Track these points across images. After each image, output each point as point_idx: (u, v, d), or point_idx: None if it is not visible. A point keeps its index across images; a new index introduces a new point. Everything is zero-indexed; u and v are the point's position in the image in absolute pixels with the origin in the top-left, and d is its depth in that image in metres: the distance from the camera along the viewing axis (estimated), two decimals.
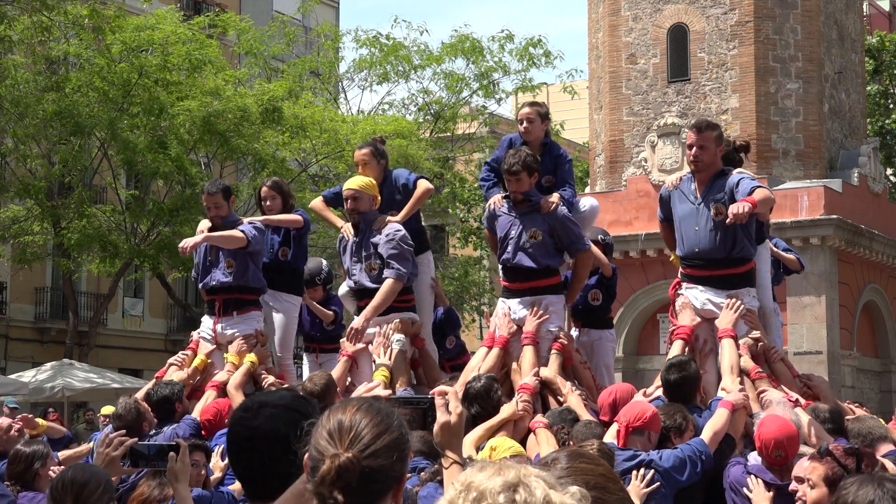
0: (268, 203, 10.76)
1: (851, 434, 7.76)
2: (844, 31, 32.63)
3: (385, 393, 8.83)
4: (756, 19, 30.20)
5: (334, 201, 10.58)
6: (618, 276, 10.84)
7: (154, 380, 10.25)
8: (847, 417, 8.34)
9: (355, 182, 9.92)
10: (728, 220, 8.45)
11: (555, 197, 9.50)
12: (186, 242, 10.17)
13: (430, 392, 4.13)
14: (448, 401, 3.96)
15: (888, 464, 7.10)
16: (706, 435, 7.38)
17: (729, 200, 8.82)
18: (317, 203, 10.71)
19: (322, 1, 41.25)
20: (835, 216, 29.03)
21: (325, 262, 11.99)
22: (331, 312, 11.66)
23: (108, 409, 12.14)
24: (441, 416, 3.96)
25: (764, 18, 30.42)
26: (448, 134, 40.25)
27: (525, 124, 9.91)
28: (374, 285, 9.73)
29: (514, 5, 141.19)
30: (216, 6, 42.67)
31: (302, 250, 11.17)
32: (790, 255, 10.91)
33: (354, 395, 9.25)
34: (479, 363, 9.28)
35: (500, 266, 9.75)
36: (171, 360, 10.55)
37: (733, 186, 8.87)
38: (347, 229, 10.02)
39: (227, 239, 10.24)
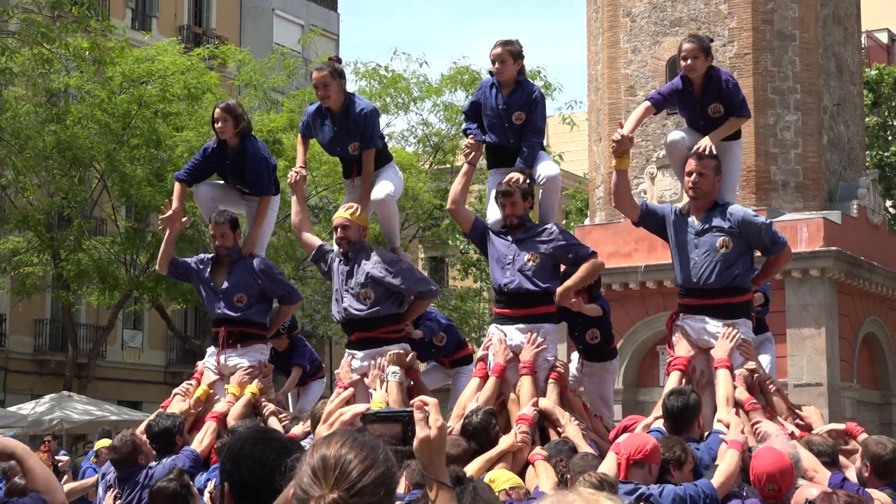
0: (219, 125, 10.49)
1: (882, 459, 7.58)
2: (843, 64, 32.72)
3: (361, 408, 8.79)
4: (755, 51, 30.28)
5: (309, 134, 10.47)
6: (610, 309, 10.75)
7: (159, 410, 10.26)
8: (874, 441, 8.11)
9: (346, 211, 9.92)
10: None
11: (517, 175, 9.46)
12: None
13: (410, 404, 3.83)
14: (428, 413, 3.62)
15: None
16: (717, 480, 7.27)
17: (738, 235, 8.91)
18: (299, 138, 10.58)
19: (322, 33, 41.41)
20: (834, 248, 29.02)
21: None
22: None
23: (103, 443, 12.09)
24: (421, 431, 3.60)
25: (763, 50, 30.51)
26: (448, 166, 40.30)
27: (497, 65, 9.74)
28: (367, 313, 9.70)
29: (513, 37, 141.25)
30: (216, 38, 42.83)
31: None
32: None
33: (326, 410, 9.22)
34: (474, 394, 9.24)
35: (495, 292, 9.70)
36: (176, 390, 10.55)
37: (741, 223, 8.95)
38: (294, 174, 10.12)
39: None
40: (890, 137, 43.14)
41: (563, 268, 9.64)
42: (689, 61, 9.41)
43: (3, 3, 28.14)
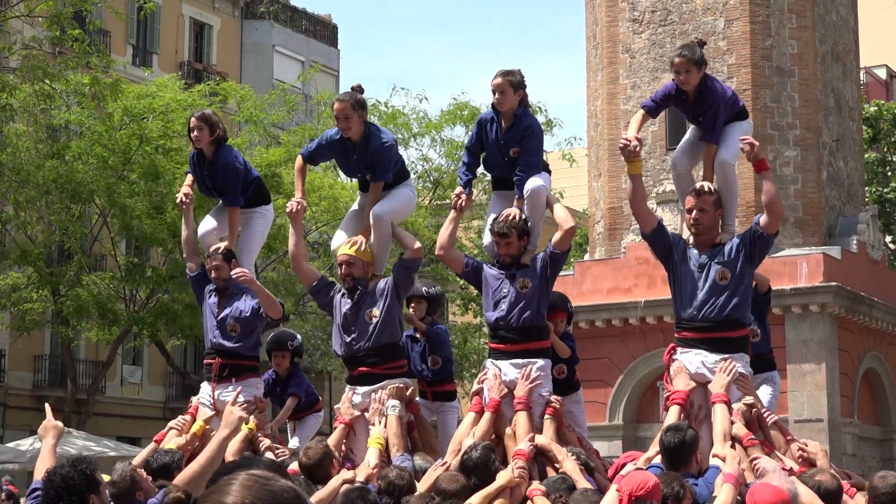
0: (195, 134, 10.57)
1: (877, 492, 7.60)
2: (842, 100, 32.80)
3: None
4: (754, 87, 30.36)
5: (314, 159, 10.48)
6: (575, 344, 10.74)
7: (153, 444, 10.21)
8: (879, 475, 8.10)
9: (350, 248, 9.92)
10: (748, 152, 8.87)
11: (514, 212, 9.48)
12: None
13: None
14: None
15: None
16: None
17: (736, 260, 8.90)
18: (297, 162, 10.47)
19: (322, 69, 41.59)
20: (834, 283, 29.01)
21: (299, 336, 11.92)
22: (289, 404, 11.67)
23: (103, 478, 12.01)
24: None
25: (762, 86, 30.59)
26: (447, 201, 40.26)
27: (497, 95, 9.72)
28: (374, 348, 9.72)
29: (515, 67, 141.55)
30: (217, 74, 42.94)
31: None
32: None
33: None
34: (469, 429, 9.22)
35: (489, 328, 9.69)
36: (170, 424, 10.50)
37: (739, 241, 8.96)
38: (295, 204, 9.99)
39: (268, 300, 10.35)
40: (889, 173, 43.21)
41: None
42: (681, 76, 9.42)
43: (5, 40, 28.21)
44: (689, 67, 9.37)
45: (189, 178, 10.95)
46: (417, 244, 9.90)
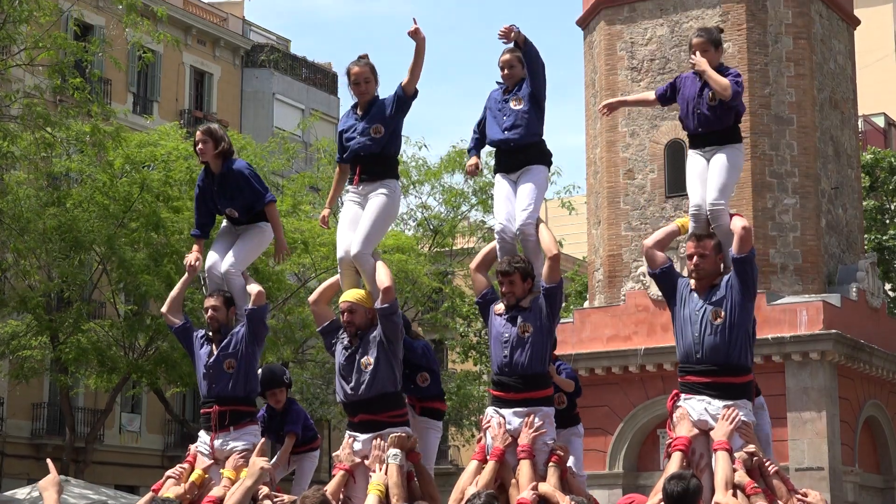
0: (199, 147, 10.50)
1: None
2: (840, 147, 32.88)
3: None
4: (752, 135, 30.44)
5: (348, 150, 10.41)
6: (578, 382, 10.76)
7: (150, 493, 10.13)
8: None
9: (351, 295, 9.90)
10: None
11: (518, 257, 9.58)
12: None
13: None
14: None
15: None
16: None
17: (727, 296, 8.88)
18: (336, 172, 10.64)
19: (322, 117, 41.72)
20: (834, 331, 28.98)
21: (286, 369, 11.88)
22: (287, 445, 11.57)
23: None
24: None
25: (760, 134, 30.67)
26: (447, 248, 40.32)
27: (506, 70, 9.97)
28: (372, 397, 9.69)
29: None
30: (217, 122, 43.03)
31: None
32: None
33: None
34: (472, 477, 9.17)
35: (494, 373, 9.63)
36: (168, 473, 10.40)
37: (728, 277, 8.99)
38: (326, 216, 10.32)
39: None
40: (888, 221, 43.25)
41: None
42: (698, 55, 9.52)
43: (6, 88, 28.27)
44: (707, 47, 9.53)
45: (196, 249, 10.87)
46: (384, 284, 9.79)
